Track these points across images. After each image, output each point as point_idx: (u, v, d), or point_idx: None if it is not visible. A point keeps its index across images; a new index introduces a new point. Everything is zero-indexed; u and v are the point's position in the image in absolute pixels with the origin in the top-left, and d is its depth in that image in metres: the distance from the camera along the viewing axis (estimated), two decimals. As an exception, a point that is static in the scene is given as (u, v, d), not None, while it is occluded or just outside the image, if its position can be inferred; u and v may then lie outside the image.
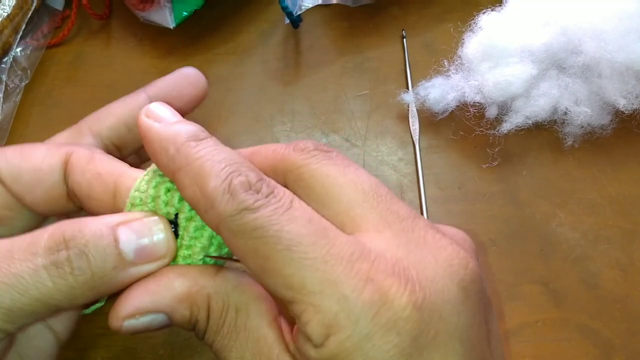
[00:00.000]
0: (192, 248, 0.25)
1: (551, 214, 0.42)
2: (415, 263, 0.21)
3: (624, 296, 0.39)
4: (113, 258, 0.23)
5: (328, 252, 0.21)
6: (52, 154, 0.27)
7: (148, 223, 0.24)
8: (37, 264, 0.22)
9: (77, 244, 0.22)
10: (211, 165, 0.22)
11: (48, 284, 0.22)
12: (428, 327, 0.20)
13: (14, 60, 0.52)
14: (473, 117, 0.45)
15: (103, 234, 0.23)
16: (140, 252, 0.23)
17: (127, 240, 0.23)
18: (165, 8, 0.50)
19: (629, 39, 0.42)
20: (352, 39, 0.53)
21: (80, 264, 0.22)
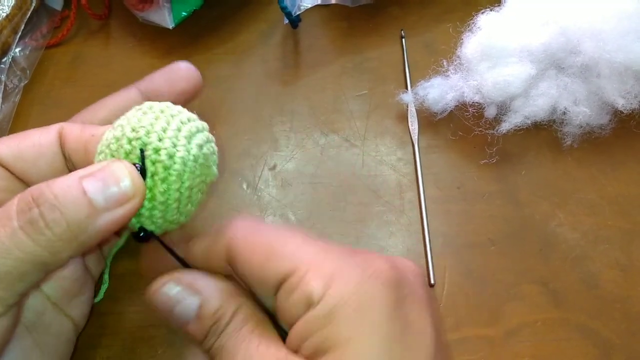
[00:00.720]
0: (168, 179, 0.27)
1: (550, 214, 0.42)
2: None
3: (623, 296, 0.39)
4: (84, 207, 0.24)
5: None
6: (47, 131, 0.30)
7: (111, 169, 0.25)
8: (13, 226, 0.23)
9: (47, 199, 0.23)
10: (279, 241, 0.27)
11: (28, 242, 0.23)
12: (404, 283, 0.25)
13: (13, 61, 0.52)
14: (472, 117, 0.45)
15: (71, 187, 0.24)
16: (109, 198, 0.24)
17: (94, 189, 0.24)
18: (164, 8, 0.50)
19: (628, 39, 0.42)
20: (351, 39, 0.53)
21: (54, 216, 0.23)
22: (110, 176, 0.25)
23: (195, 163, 0.27)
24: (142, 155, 0.26)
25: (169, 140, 0.26)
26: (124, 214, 0.25)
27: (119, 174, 0.25)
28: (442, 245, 0.41)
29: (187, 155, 0.27)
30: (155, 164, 0.26)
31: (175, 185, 0.27)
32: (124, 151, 0.26)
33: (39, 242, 0.23)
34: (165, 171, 0.26)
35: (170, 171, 0.26)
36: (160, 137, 0.26)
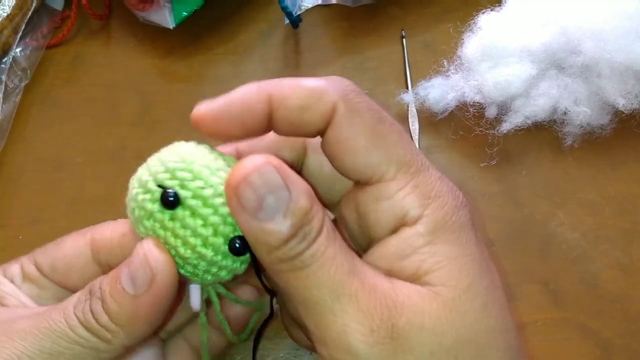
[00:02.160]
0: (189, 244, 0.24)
1: (551, 213, 0.42)
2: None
3: (623, 296, 0.39)
4: (119, 297, 0.24)
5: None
6: (78, 238, 0.29)
7: (133, 252, 0.24)
8: (70, 311, 0.25)
9: (95, 292, 0.25)
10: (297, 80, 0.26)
11: (80, 329, 0.24)
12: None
13: (13, 61, 0.52)
14: (473, 117, 0.45)
15: (112, 277, 0.25)
16: (137, 283, 0.24)
17: (124, 276, 0.24)
18: (165, 8, 0.50)
19: (629, 39, 0.42)
20: (352, 39, 0.53)
21: (97, 307, 0.24)
22: (133, 262, 0.24)
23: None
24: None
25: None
26: (154, 296, 0.24)
27: (139, 258, 0.24)
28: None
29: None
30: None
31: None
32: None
33: (90, 329, 0.24)
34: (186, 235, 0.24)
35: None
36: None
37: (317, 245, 0.22)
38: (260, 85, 0.25)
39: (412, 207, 0.24)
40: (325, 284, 0.22)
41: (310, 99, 0.25)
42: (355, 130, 0.24)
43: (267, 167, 0.22)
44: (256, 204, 0.22)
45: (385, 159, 0.24)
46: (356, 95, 0.25)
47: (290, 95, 0.25)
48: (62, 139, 0.49)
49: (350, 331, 0.22)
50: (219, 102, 0.25)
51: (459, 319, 0.22)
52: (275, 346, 0.38)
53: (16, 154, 0.48)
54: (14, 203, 0.46)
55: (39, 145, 0.49)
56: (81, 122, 0.50)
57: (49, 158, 0.48)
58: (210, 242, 0.24)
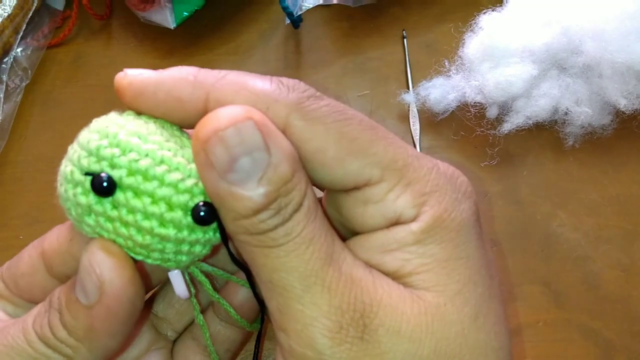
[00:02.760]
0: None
1: (552, 214, 0.42)
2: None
3: (625, 296, 0.38)
4: (72, 307, 0.22)
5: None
6: (32, 252, 0.26)
7: (81, 258, 0.22)
8: (28, 325, 0.22)
9: (53, 303, 0.22)
10: (243, 77, 0.22)
11: (37, 343, 0.22)
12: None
13: (14, 61, 0.52)
14: (474, 117, 0.45)
15: (68, 286, 0.22)
16: (85, 290, 0.21)
17: (77, 282, 0.22)
18: (166, 8, 0.50)
19: (630, 39, 0.42)
20: (353, 39, 0.53)
21: (54, 321, 0.22)
22: (81, 269, 0.21)
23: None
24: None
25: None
26: (107, 305, 0.21)
27: (84, 266, 0.21)
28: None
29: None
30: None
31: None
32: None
33: (48, 344, 0.22)
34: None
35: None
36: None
37: (293, 222, 0.20)
38: (197, 79, 0.21)
39: (406, 207, 0.21)
40: (297, 269, 0.20)
41: (257, 108, 0.21)
42: (320, 141, 0.21)
43: (247, 123, 0.19)
44: (227, 164, 0.19)
45: (365, 164, 0.21)
46: (313, 100, 0.21)
47: (232, 100, 0.21)
48: (63, 139, 0.49)
49: (316, 325, 0.20)
50: (148, 80, 0.22)
51: (441, 328, 0.20)
52: (275, 346, 0.38)
53: (17, 153, 0.48)
54: (14, 203, 0.46)
55: (39, 145, 0.49)
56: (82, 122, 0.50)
57: (49, 158, 0.48)
58: (168, 219, 0.21)
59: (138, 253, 0.22)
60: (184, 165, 0.21)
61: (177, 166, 0.21)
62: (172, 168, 0.20)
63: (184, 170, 0.21)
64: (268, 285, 0.20)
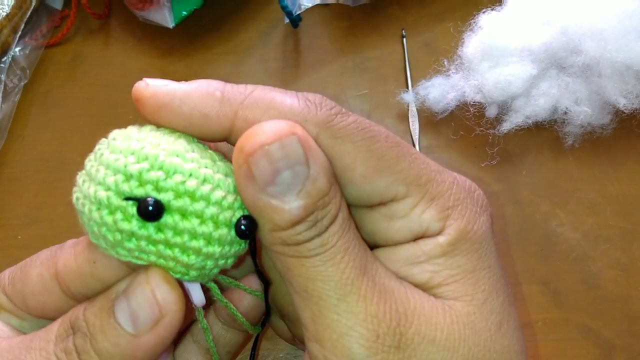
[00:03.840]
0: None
1: (551, 213, 0.42)
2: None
3: (624, 296, 0.38)
4: (112, 333, 0.21)
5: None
6: (44, 273, 0.24)
7: (135, 283, 0.21)
8: (50, 352, 0.21)
9: (80, 327, 0.21)
10: (271, 95, 0.22)
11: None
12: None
13: (13, 60, 0.52)
14: (473, 117, 0.45)
15: (102, 310, 0.21)
16: (136, 320, 0.21)
17: (121, 310, 0.21)
18: (165, 7, 0.50)
19: (629, 38, 0.42)
20: (352, 38, 0.53)
21: (84, 346, 0.21)
22: (135, 297, 0.21)
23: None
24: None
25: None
26: (158, 338, 0.21)
27: (143, 294, 0.21)
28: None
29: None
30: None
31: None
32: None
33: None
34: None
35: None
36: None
37: (330, 234, 0.20)
38: (225, 95, 0.21)
39: (432, 221, 0.22)
40: (332, 278, 0.20)
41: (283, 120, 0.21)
42: (349, 159, 0.21)
43: (291, 138, 0.19)
44: (269, 177, 0.19)
45: (391, 181, 0.22)
46: (341, 118, 0.22)
47: (261, 119, 0.21)
48: (61, 139, 0.49)
49: (353, 334, 0.20)
50: (173, 93, 0.21)
51: (472, 336, 0.21)
52: (274, 346, 0.38)
53: (15, 153, 0.48)
54: (13, 203, 0.46)
55: (38, 145, 0.49)
56: (80, 121, 0.50)
57: (48, 157, 0.48)
58: (215, 237, 0.21)
59: (177, 272, 0.21)
60: (223, 181, 0.21)
61: (219, 183, 0.21)
62: (215, 186, 0.21)
63: (224, 186, 0.21)
64: (303, 294, 0.21)
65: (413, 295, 0.21)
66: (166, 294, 0.21)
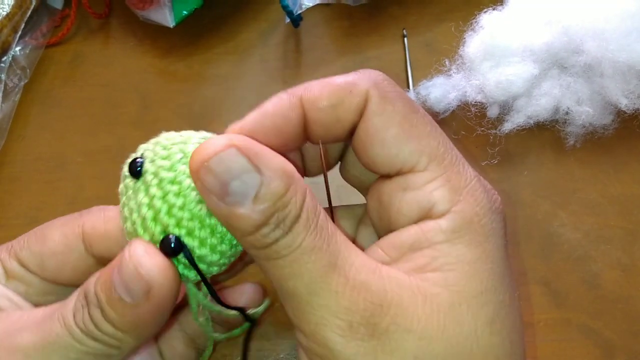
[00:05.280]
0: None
1: (552, 214, 0.42)
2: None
3: (625, 296, 0.38)
4: (115, 304, 0.22)
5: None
6: (67, 233, 0.27)
7: (124, 262, 0.22)
8: (71, 323, 0.23)
9: (91, 300, 0.23)
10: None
11: (85, 338, 0.23)
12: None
13: (13, 60, 0.52)
14: (474, 117, 0.45)
15: (107, 283, 0.23)
16: (134, 294, 0.22)
17: (117, 282, 0.22)
18: (165, 7, 0.50)
19: (631, 38, 0.42)
20: (353, 38, 0.53)
21: (98, 317, 0.23)
22: (123, 270, 0.22)
23: None
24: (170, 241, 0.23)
25: None
26: (154, 305, 0.22)
27: (127, 268, 0.22)
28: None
29: None
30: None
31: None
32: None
33: (96, 339, 0.23)
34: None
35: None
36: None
37: (293, 235, 0.21)
38: (290, 91, 0.24)
39: (441, 200, 0.23)
40: (302, 277, 0.21)
41: (341, 95, 0.24)
42: (387, 119, 0.23)
43: (228, 151, 0.20)
44: (220, 189, 0.21)
45: (417, 149, 0.23)
46: (388, 84, 0.25)
47: (321, 94, 0.24)
48: (61, 139, 0.49)
49: (327, 324, 0.21)
50: (252, 116, 0.24)
51: (453, 326, 0.21)
52: (275, 347, 0.38)
53: (15, 153, 0.48)
54: (13, 203, 0.46)
55: (38, 145, 0.49)
56: (81, 121, 0.50)
57: (48, 157, 0.48)
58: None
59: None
60: None
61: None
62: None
63: None
64: (280, 292, 0.22)
65: (391, 288, 0.22)
66: (148, 266, 0.22)
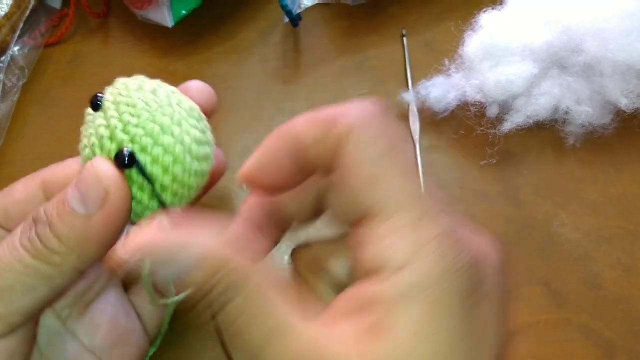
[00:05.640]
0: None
1: (553, 214, 0.42)
2: None
3: (626, 297, 0.38)
4: (69, 219, 0.23)
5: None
6: (29, 183, 0.29)
7: (83, 173, 0.24)
8: (15, 243, 0.24)
9: (41, 218, 0.24)
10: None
11: (27, 257, 0.23)
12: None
13: (11, 60, 0.51)
14: (474, 117, 0.45)
15: (58, 200, 0.24)
16: (88, 204, 0.23)
17: (73, 198, 0.23)
18: (164, 7, 0.50)
19: (631, 38, 0.42)
20: (352, 38, 0.53)
21: (45, 232, 0.24)
22: (83, 181, 0.24)
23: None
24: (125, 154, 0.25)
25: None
26: (107, 215, 0.24)
27: (88, 177, 0.24)
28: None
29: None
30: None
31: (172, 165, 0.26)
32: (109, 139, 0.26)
33: (38, 256, 0.23)
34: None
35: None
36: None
37: (225, 315, 0.20)
38: (280, 127, 0.23)
39: (396, 256, 0.20)
40: (239, 349, 0.21)
41: (325, 129, 0.22)
42: (360, 159, 0.21)
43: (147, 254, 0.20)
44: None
45: (384, 196, 0.20)
46: (374, 118, 0.22)
47: (305, 129, 0.23)
48: (60, 138, 0.49)
49: None
50: (255, 156, 0.24)
51: None
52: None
53: (15, 153, 0.48)
54: (12, 203, 0.46)
55: (37, 145, 0.49)
56: (80, 121, 0.49)
57: (47, 157, 0.47)
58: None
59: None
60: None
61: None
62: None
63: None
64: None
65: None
66: (108, 174, 0.24)
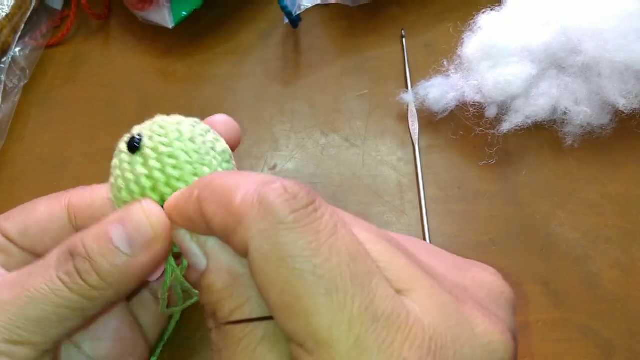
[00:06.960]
0: None
1: (551, 214, 0.42)
2: (452, 339, 0.19)
3: (624, 296, 0.38)
4: (111, 256, 0.24)
5: (367, 310, 0.18)
6: (53, 203, 0.29)
7: (130, 214, 0.24)
8: (52, 275, 0.24)
9: (79, 252, 0.24)
10: (237, 180, 0.21)
11: (64, 290, 0.24)
12: None
13: (12, 60, 0.52)
14: (473, 117, 0.45)
15: (99, 236, 0.24)
16: (134, 245, 0.24)
17: (118, 237, 0.24)
18: (164, 8, 0.50)
19: (629, 38, 0.42)
20: (352, 38, 0.53)
21: (85, 267, 0.24)
22: (130, 222, 0.24)
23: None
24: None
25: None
26: (151, 257, 0.24)
27: (138, 219, 0.24)
28: (442, 246, 0.41)
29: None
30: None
31: None
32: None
33: (75, 290, 0.24)
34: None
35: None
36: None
37: (226, 335, 0.22)
38: (192, 192, 0.23)
39: None
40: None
41: (229, 225, 0.20)
42: (266, 283, 0.19)
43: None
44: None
45: (300, 329, 0.18)
46: (284, 228, 0.19)
47: (215, 215, 0.21)
48: (61, 139, 0.49)
49: None
50: (167, 206, 0.24)
51: None
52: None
53: (15, 153, 0.48)
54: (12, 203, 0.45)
55: (38, 145, 0.49)
56: (80, 121, 0.50)
57: (48, 158, 0.48)
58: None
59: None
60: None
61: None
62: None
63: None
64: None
65: None
66: (158, 218, 0.24)
